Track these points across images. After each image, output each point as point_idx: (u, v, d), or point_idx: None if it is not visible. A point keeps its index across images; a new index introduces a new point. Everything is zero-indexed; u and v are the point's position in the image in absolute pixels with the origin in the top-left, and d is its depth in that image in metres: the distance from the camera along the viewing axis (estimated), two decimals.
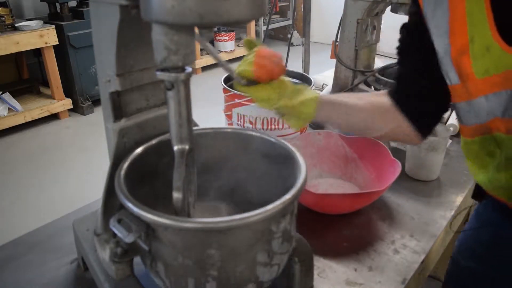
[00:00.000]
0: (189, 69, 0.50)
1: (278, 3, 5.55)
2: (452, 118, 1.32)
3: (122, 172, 0.56)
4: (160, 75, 0.49)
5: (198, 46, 4.98)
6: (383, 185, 0.87)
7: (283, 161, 0.62)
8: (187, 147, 0.55)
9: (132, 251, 0.51)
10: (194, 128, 0.66)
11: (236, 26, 5.36)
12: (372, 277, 0.75)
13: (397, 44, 0.76)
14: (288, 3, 5.90)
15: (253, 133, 0.67)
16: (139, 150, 0.61)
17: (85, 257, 0.70)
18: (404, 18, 0.78)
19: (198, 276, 0.50)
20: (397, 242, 0.84)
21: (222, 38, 4.84)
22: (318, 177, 1.03)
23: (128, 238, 0.48)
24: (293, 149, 0.62)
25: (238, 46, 5.18)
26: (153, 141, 0.64)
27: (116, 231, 0.50)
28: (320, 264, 0.78)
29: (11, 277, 0.76)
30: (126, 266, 0.53)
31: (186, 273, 0.50)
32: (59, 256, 0.81)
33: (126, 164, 0.58)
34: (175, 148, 0.55)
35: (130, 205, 0.49)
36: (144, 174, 0.61)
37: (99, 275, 0.62)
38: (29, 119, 3.40)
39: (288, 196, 0.50)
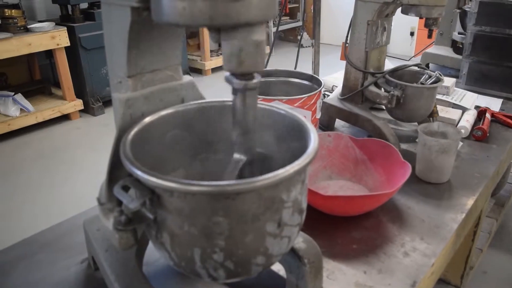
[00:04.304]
0: (258, 77, 0.49)
1: (288, 4, 5.56)
2: (463, 121, 1.31)
3: (129, 138, 0.55)
4: (229, 79, 0.49)
5: (208, 48, 4.96)
6: (393, 187, 0.87)
7: (294, 133, 0.61)
8: (243, 158, 0.55)
9: (137, 220, 0.50)
10: (200, 101, 0.66)
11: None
12: (382, 279, 0.75)
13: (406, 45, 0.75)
14: (297, 5, 5.90)
15: (263, 106, 0.66)
16: (146, 119, 0.60)
17: (96, 257, 0.71)
18: (415, 20, 0.77)
19: (205, 246, 0.49)
20: (407, 245, 0.83)
21: None
22: (328, 179, 1.03)
23: (132, 203, 0.47)
24: (304, 120, 0.60)
25: None
26: (162, 112, 0.63)
27: (120, 197, 0.50)
28: (330, 266, 0.78)
29: (22, 277, 0.77)
30: (130, 235, 0.52)
31: (192, 243, 0.49)
32: (69, 255, 0.82)
33: (133, 131, 0.57)
34: (236, 155, 0.55)
35: (134, 168, 0.48)
36: (150, 145, 0.60)
37: (110, 275, 0.63)
38: (40, 119, 3.44)
39: (298, 162, 0.49)
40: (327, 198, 0.86)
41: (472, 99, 1.46)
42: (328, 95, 1.41)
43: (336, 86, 1.54)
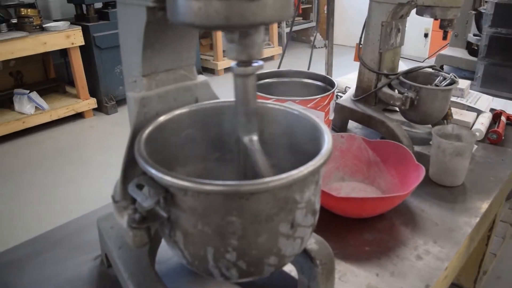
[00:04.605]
0: (259, 63, 0.51)
1: (301, 5, 5.55)
2: (478, 123, 1.29)
3: (143, 137, 0.55)
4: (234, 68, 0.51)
5: (220, 48, 4.98)
6: (406, 190, 0.86)
7: (307, 134, 0.61)
8: (255, 137, 0.56)
9: (151, 218, 0.51)
10: (214, 101, 0.67)
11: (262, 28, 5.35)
12: (394, 282, 0.74)
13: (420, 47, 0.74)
14: (311, 5, 5.89)
15: (276, 106, 0.66)
16: (161, 118, 0.61)
17: (109, 254, 0.72)
18: (429, 21, 0.76)
19: (218, 246, 0.49)
20: (420, 248, 0.83)
21: None
22: (340, 180, 1.03)
23: (146, 202, 0.48)
24: (318, 120, 0.60)
25: None
26: (176, 112, 0.63)
27: (134, 195, 0.50)
28: (342, 267, 0.78)
29: (35, 273, 0.78)
30: (144, 233, 0.53)
31: (206, 242, 0.50)
32: (82, 252, 0.83)
33: (147, 130, 0.57)
34: (245, 138, 0.56)
35: (148, 167, 0.48)
36: (164, 144, 0.61)
37: (123, 272, 0.63)
38: (55, 117, 3.48)
39: (312, 162, 0.49)
40: (340, 199, 0.85)
41: (487, 102, 1.45)
42: (341, 96, 1.41)
43: (349, 87, 1.54)
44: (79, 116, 3.69)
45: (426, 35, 5.14)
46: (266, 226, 0.49)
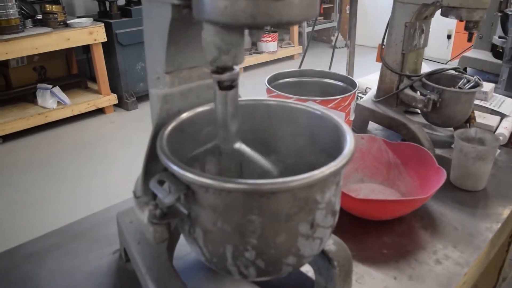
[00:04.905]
0: (236, 69, 0.51)
1: (322, 5, 5.52)
2: (501, 127, 1.27)
3: (165, 133, 0.56)
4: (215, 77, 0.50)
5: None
6: (427, 193, 0.85)
7: (329, 134, 0.61)
8: (238, 144, 0.57)
9: (171, 214, 0.51)
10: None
11: (287, 27, 5.38)
12: (412, 286, 0.74)
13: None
14: (332, 5, 5.86)
15: (298, 106, 0.66)
16: (183, 115, 0.61)
17: (128, 249, 0.72)
18: (452, 22, 0.75)
19: (237, 244, 0.50)
20: (439, 252, 0.82)
21: (265, 39, 4.86)
22: (360, 182, 1.02)
23: (167, 198, 0.48)
24: (340, 121, 0.59)
25: (280, 47, 5.19)
26: (198, 109, 0.64)
27: (155, 191, 0.51)
28: (359, 270, 0.77)
29: (54, 265, 0.79)
30: (164, 229, 0.53)
31: (225, 240, 0.50)
32: (101, 246, 0.84)
33: (170, 127, 0.58)
34: (234, 146, 0.57)
35: (170, 163, 0.49)
36: (186, 141, 0.61)
37: (141, 267, 0.64)
38: (76, 112, 3.54)
39: (334, 163, 0.49)
40: (359, 201, 0.85)
41: (511, 106, 1.42)
42: (361, 97, 1.39)
43: (370, 88, 1.52)
44: (100, 111, 3.74)
45: (449, 37, 5.07)
46: (286, 225, 0.49)
